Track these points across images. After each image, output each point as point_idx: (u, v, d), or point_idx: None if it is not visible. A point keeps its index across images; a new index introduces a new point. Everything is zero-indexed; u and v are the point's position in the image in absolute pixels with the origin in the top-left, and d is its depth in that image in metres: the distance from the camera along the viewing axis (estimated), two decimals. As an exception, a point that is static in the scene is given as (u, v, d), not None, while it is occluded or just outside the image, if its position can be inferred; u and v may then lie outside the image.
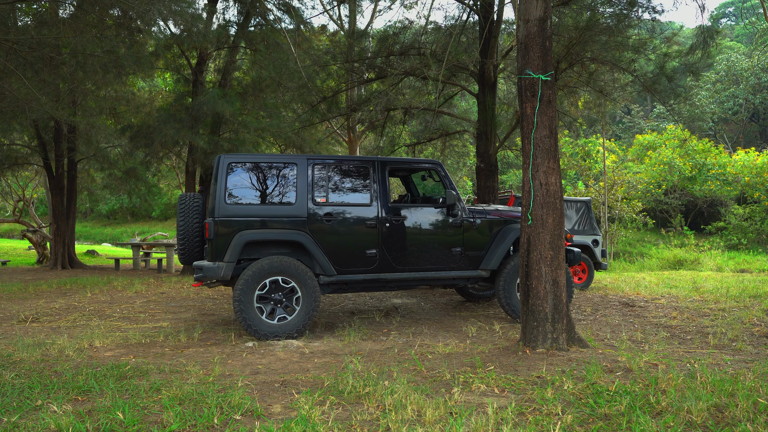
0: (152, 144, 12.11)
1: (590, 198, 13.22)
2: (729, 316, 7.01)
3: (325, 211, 5.99)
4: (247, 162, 5.95)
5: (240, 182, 5.87)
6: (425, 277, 6.32)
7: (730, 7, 54.91)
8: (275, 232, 5.82)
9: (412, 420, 3.27)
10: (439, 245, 6.37)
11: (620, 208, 24.03)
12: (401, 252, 6.21)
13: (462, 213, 6.47)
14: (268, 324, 5.64)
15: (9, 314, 7.49)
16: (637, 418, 3.19)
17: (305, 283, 5.73)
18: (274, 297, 5.71)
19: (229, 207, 5.76)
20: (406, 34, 9.86)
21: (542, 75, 5.04)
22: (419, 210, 6.38)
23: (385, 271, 6.14)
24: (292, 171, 6.01)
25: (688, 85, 16.54)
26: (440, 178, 6.59)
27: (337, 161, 6.24)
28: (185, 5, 9.73)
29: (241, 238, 5.66)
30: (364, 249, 6.06)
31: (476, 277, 6.53)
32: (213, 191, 5.83)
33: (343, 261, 6.00)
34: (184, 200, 6.28)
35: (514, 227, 6.62)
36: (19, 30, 9.69)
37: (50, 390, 3.87)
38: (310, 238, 5.88)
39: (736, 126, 42.14)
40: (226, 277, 5.64)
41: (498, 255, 6.48)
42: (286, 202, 5.92)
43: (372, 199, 6.18)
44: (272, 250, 5.90)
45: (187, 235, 6.17)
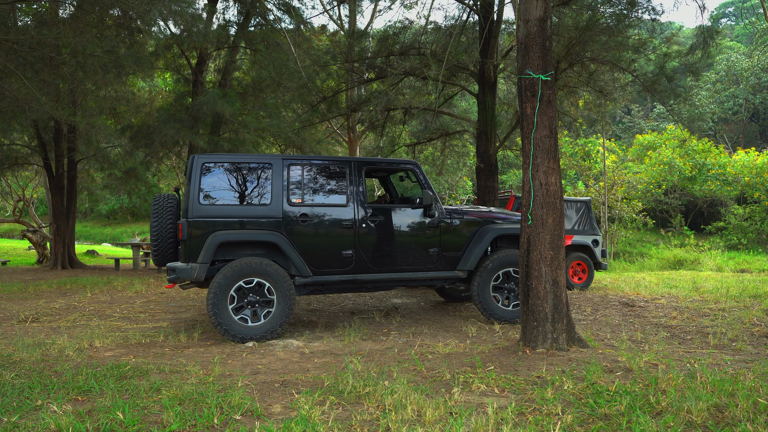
0: (152, 144, 12.12)
1: (590, 198, 13.22)
2: (729, 316, 7.01)
3: (301, 211, 5.93)
4: (221, 162, 5.87)
5: (214, 182, 5.80)
6: (402, 278, 6.28)
7: (730, 7, 54.92)
8: (250, 232, 5.75)
9: (412, 420, 3.27)
10: (416, 246, 6.33)
11: (620, 208, 24.03)
12: (378, 253, 6.16)
13: (439, 213, 6.45)
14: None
15: (9, 314, 7.49)
16: (637, 418, 3.19)
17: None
18: (249, 299, 5.64)
19: (203, 207, 5.68)
20: (406, 34, 9.85)
21: (542, 75, 5.04)
22: (396, 210, 6.33)
23: (362, 272, 6.09)
24: (267, 171, 5.95)
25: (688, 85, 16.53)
26: (417, 178, 6.55)
27: (313, 162, 6.18)
28: (185, 5, 9.73)
29: (215, 239, 5.58)
30: (340, 250, 6.01)
31: (453, 277, 6.50)
32: (187, 192, 5.77)
33: (318, 262, 5.94)
34: (158, 201, 6.18)
35: (491, 228, 6.61)
36: (19, 30, 9.69)
37: (50, 390, 3.87)
38: (286, 239, 5.82)
39: (736, 126, 42.15)
40: (200, 279, 5.57)
41: (475, 255, 6.45)
42: (261, 203, 5.86)
43: (348, 199, 6.13)
44: (247, 251, 5.85)
45: (161, 236, 6.07)
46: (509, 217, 6.91)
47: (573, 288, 10.12)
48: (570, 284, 10.19)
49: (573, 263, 10.39)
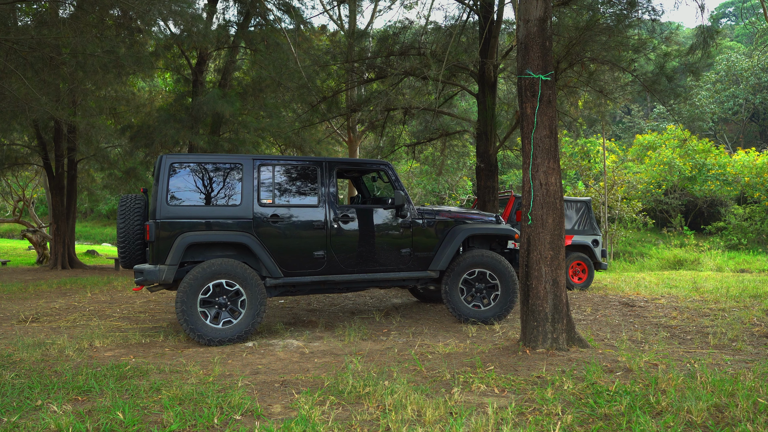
0: (152, 144, 12.12)
1: (590, 198, 13.22)
2: (729, 316, 7.01)
3: (272, 212, 5.86)
4: (190, 162, 5.79)
5: (183, 183, 5.71)
6: (374, 278, 6.26)
7: (730, 7, 54.91)
8: (219, 234, 5.67)
9: (412, 420, 3.26)
10: (388, 246, 6.31)
11: (620, 208, 24.03)
12: (350, 253, 6.12)
13: (411, 214, 6.44)
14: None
15: (9, 314, 7.49)
16: (637, 418, 3.19)
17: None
18: (219, 300, 5.56)
19: (171, 208, 5.59)
20: (406, 34, 9.85)
21: (542, 75, 5.04)
22: (368, 211, 6.31)
23: (334, 272, 6.05)
24: (237, 172, 5.88)
25: (688, 85, 16.53)
26: (389, 178, 6.53)
27: (284, 162, 6.12)
28: (185, 5, 9.73)
29: (184, 241, 5.49)
30: (311, 251, 5.96)
31: (426, 277, 6.50)
32: (154, 192, 5.66)
33: (290, 263, 5.89)
34: (125, 202, 6.06)
35: (463, 228, 6.61)
36: (19, 30, 9.69)
37: (50, 390, 3.87)
38: (256, 240, 5.75)
39: (736, 126, 42.14)
40: (168, 281, 5.48)
41: (447, 255, 6.45)
42: (231, 204, 5.78)
43: (320, 200, 6.08)
44: (216, 252, 5.76)
45: (128, 237, 5.95)
46: (481, 217, 6.93)
47: (573, 288, 10.11)
48: (570, 284, 10.19)
49: (573, 263, 10.39)
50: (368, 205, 6.42)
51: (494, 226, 6.86)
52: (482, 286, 6.63)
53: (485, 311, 6.57)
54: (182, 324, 5.42)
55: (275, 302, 8.47)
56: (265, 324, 6.59)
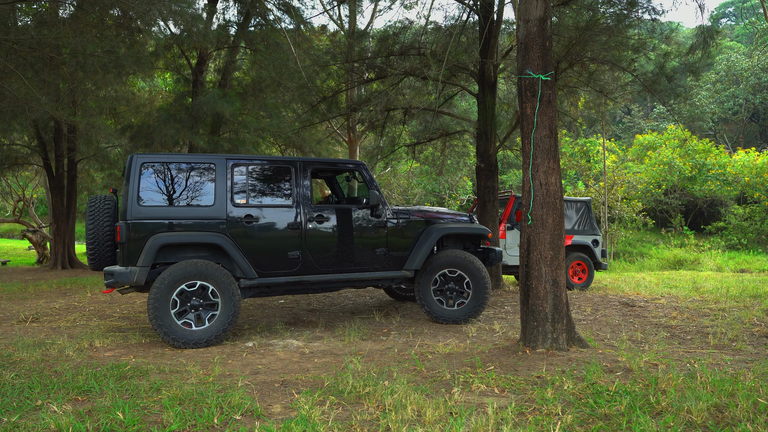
0: (152, 144, 12.12)
1: (590, 198, 13.22)
2: (729, 316, 7.01)
3: (246, 212, 5.81)
4: (162, 162, 5.71)
5: (155, 183, 5.63)
6: (350, 278, 6.24)
7: (730, 7, 54.90)
8: (192, 234, 5.58)
9: (412, 420, 3.26)
10: (363, 246, 6.31)
11: (620, 208, 24.03)
12: (325, 254, 6.10)
13: (386, 214, 6.45)
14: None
15: (9, 314, 7.49)
16: (637, 418, 3.19)
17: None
18: (192, 302, 5.48)
19: (143, 209, 5.50)
20: (406, 34, 9.84)
21: (542, 75, 5.04)
22: (342, 211, 6.30)
23: (309, 273, 6.02)
24: (210, 172, 5.82)
25: (688, 85, 16.54)
26: (364, 178, 6.52)
27: (258, 161, 6.07)
28: (185, 5, 9.72)
29: (156, 241, 5.41)
30: (286, 251, 5.92)
31: (400, 277, 6.51)
32: (125, 192, 5.58)
33: (264, 264, 5.84)
34: (94, 202, 5.93)
35: (437, 227, 6.63)
36: (19, 30, 9.68)
37: (50, 390, 3.87)
38: (230, 240, 5.68)
39: (736, 126, 42.14)
40: (140, 283, 5.39)
41: (422, 255, 6.46)
42: (203, 204, 5.71)
43: (294, 200, 6.05)
44: (189, 253, 5.68)
45: (98, 239, 5.83)
46: (455, 217, 6.96)
47: (573, 288, 10.12)
48: (570, 284, 10.19)
49: (573, 263, 10.39)
50: (343, 205, 6.43)
51: (468, 226, 6.91)
52: (455, 286, 6.69)
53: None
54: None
55: (275, 302, 8.47)
56: (265, 324, 6.59)
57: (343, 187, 7.74)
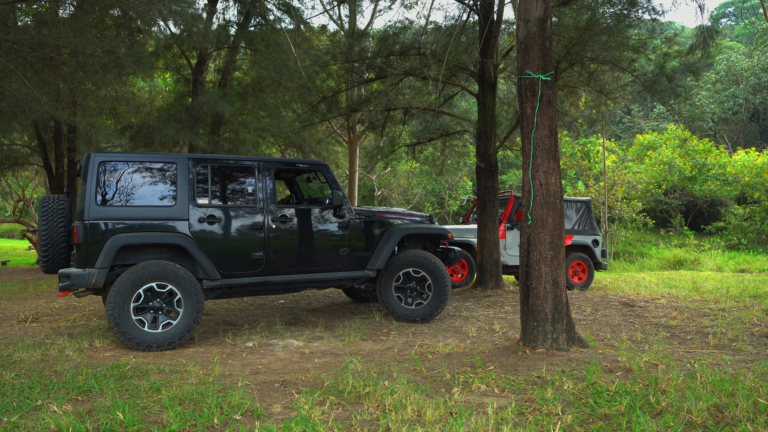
0: (152, 144, 12.12)
1: (590, 198, 13.22)
2: (729, 316, 7.02)
3: (208, 212, 5.74)
4: (121, 161, 5.58)
5: (113, 182, 5.50)
6: (313, 278, 6.24)
7: (730, 7, 54.89)
8: (153, 235, 5.49)
9: (412, 420, 3.26)
10: (326, 246, 6.32)
11: (620, 208, 24.03)
12: (288, 254, 6.08)
13: (349, 214, 6.47)
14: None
15: (9, 314, 7.49)
16: (637, 418, 3.19)
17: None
18: (154, 304, 5.38)
19: (101, 209, 5.37)
20: (406, 34, 9.83)
21: (542, 75, 5.04)
22: (306, 211, 6.30)
23: (272, 273, 5.99)
24: (171, 171, 5.72)
25: (688, 85, 16.53)
26: (327, 179, 6.53)
27: (221, 161, 6.00)
28: (185, 5, 9.72)
29: (116, 242, 5.28)
30: (249, 252, 5.87)
31: (363, 277, 6.54)
32: (81, 192, 5.43)
33: (227, 264, 5.78)
34: (47, 203, 5.72)
35: (399, 227, 6.69)
36: (19, 30, 9.68)
37: (50, 390, 3.87)
38: (192, 241, 5.60)
39: (736, 126, 42.14)
40: (98, 285, 5.26)
41: (384, 255, 6.51)
42: (165, 204, 5.62)
43: (258, 200, 6.02)
44: (150, 254, 5.58)
45: (51, 240, 5.65)
46: (414, 217, 7.04)
47: (573, 288, 10.12)
48: (570, 284, 10.19)
49: (573, 263, 10.40)
50: (307, 205, 6.44)
51: (428, 227, 6.98)
52: (415, 285, 6.76)
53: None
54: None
55: (275, 302, 8.47)
56: (265, 324, 6.59)
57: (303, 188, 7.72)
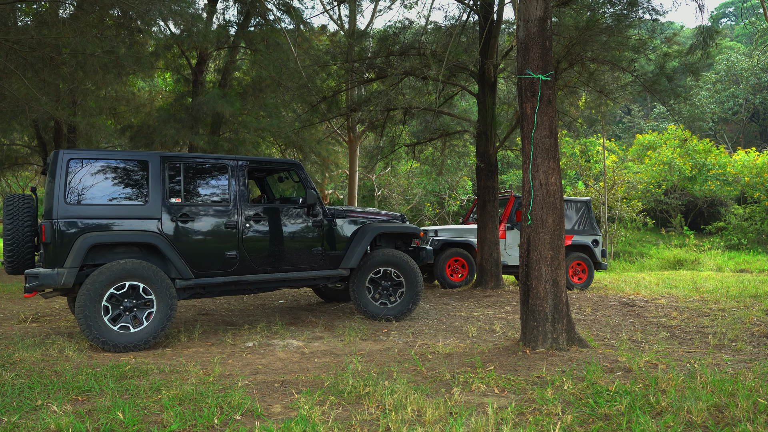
0: (152, 144, 12.12)
1: (590, 198, 13.22)
2: (729, 316, 7.01)
3: (181, 211, 5.68)
4: (91, 158, 5.48)
5: (83, 180, 5.39)
6: (287, 277, 6.23)
7: (730, 7, 54.89)
8: (125, 233, 5.41)
9: (412, 420, 3.26)
10: (300, 245, 6.33)
11: (620, 208, 24.03)
12: (262, 253, 6.06)
13: (322, 213, 6.48)
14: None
15: (9, 314, 7.49)
16: (637, 418, 3.19)
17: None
18: (125, 304, 5.28)
19: (71, 207, 5.26)
20: (406, 34, 9.83)
21: (542, 75, 5.04)
22: (280, 210, 6.29)
23: (246, 273, 5.96)
24: (143, 169, 5.64)
25: (688, 85, 16.53)
26: (300, 178, 6.53)
27: (193, 160, 5.94)
28: (185, 5, 9.72)
29: (86, 242, 5.16)
30: (223, 251, 5.83)
31: (337, 276, 6.55)
32: (49, 190, 5.31)
33: (201, 264, 5.72)
34: (11, 202, 5.56)
35: (372, 227, 6.71)
36: (19, 30, 9.68)
37: (50, 390, 3.87)
38: (165, 240, 5.53)
39: (736, 126, 42.13)
40: (68, 285, 5.14)
41: (357, 254, 6.52)
42: (136, 202, 5.55)
43: (231, 198, 5.98)
44: (121, 254, 5.48)
45: (16, 240, 5.48)
46: (387, 216, 7.09)
47: (573, 288, 10.12)
48: (570, 284, 10.19)
49: (573, 263, 10.40)
50: (280, 204, 6.42)
51: (401, 225, 7.02)
52: (388, 284, 6.79)
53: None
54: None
55: (275, 302, 8.47)
56: (265, 324, 6.59)
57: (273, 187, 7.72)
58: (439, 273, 9.97)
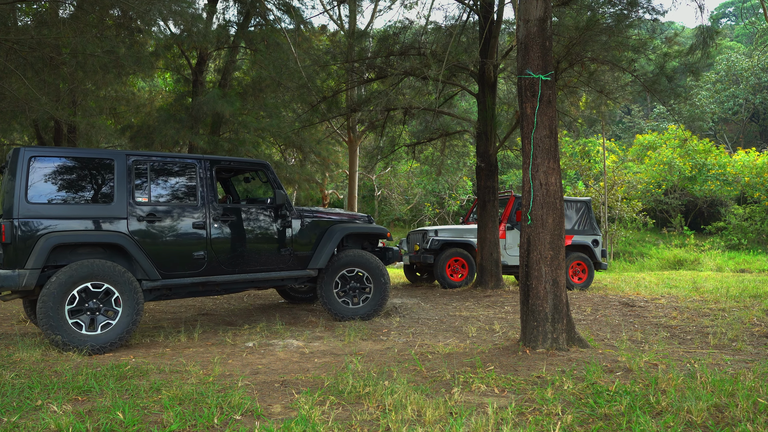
0: (152, 144, 12.11)
1: (590, 198, 13.23)
2: (729, 316, 7.02)
3: (148, 211, 5.60)
4: (54, 156, 5.36)
5: (46, 179, 5.26)
6: (256, 278, 6.20)
7: (730, 7, 54.89)
8: (89, 233, 5.30)
9: (412, 420, 3.26)
10: (268, 246, 6.31)
11: (620, 208, 24.04)
12: (231, 254, 6.02)
13: (291, 213, 6.47)
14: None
15: (9, 314, 7.49)
16: (637, 418, 3.19)
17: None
18: (90, 306, 5.17)
19: (32, 206, 5.13)
20: (406, 34, 9.84)
21: (542, 75, 5.04)
22: (248, 210, 6.28)
23: (214, 273, 5.92)
24: (108, 167, 5.53)
25: (688, 85, 16.54)
26: (268, 178, 6.51)
27: (160, 158, 5.86)
28: (185, 5, 9.72)
29: (48, 242, 5.03)
30: (191, 251, 5.78)
31: (305, 276, 6.56)
32: (9, 189, 5.20)
33: (168, 264, 5.65)
34: None
35: (340, 227, 6.73)
36: (19, 30, 9.68)
37: (50, 390, 3.87)
38: (131, 240, 5.44)
39: (736, 126, 42.14)
40: (30, 287, 5.00)
41: (326, 254, 6.55)
42: (102, 202, 5.45)
43: (199, 198, 5.92)
44: (85, 254, 5.36)
45: None
46: (353, 217, 7.12)
47: (573, 288, 10.12)
48: (570, 284, 10.19)
49: (573, 263, 10.40)
50: (249, 205, 6.41)
51: (368, 226, 7.05)
52: (356, 285, 6.81)
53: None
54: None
55: (275, 302, 8.47)
56: (265, 324, 6.59)
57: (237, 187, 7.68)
58: (439, 273, 9.97)
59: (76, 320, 5.15)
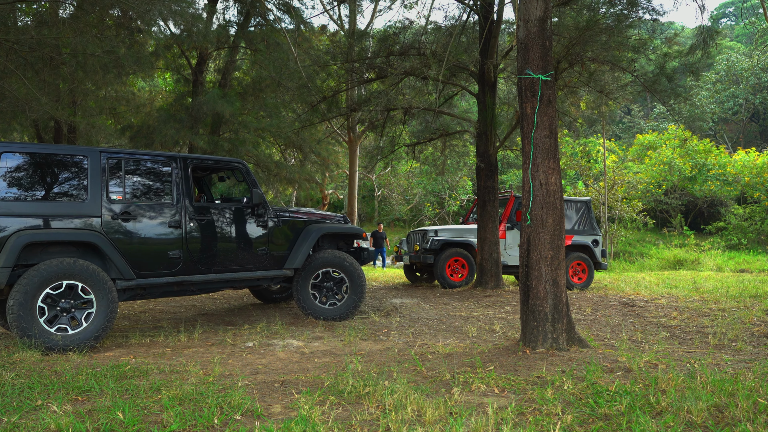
0: (152, 144, 12.11)
1: (590, 198, 13.23)
2: (729, 316, 7.02)
3: (122, 209, 5.54)
4: (26, 152, 5.26)
5: (17, 175, 5.17)
6: (232, 278, 6.18)
7: (730, 7, 54.89)
8: (62, 231, 5.21)
9: (412, 420, 3.26)
10: (245, 246, 6.29)
11: (620, 208, 24.05)
12: (206, 253, 5.99)
13: (267, 214, 6.46)
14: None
15: (9, 314, 7.48)
16: (637, 418, 3.18)
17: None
18: (62, 305, 5.10)
19: (3, 204, 5.03)
20: (406, 34, 9.84)
21: (542, 75, 5.04)
22: (225, 209, 6.24)
23: (190, 273, 5.87)
24: (82, 165, 5.45)
25: (688, 85, 16.53)
26: (245, 177, 6.47)
27: (136, 156, 5.79)
28: (185, 5, 9.72)
29: (20, 240, 4.94)
30: (166, 250, 5.73)
31: (281, 276, 6.55)
32: None
33: (143, 263, 5.60)
34: None
35: (316, 227, 6.74)
36: (19, 30, 9.68)
37: (50, 390, 3.87)
38: (105, 238, 5.37)
39: (736, 126, 42.15)
40: (0, 286, 4.93)
41: (302, 254, 6.54)
42: (75, 199, 5.36)
43: (175, 197, 5.87)
44: (58, 253, 5.29)
45: None
46: (329, 217, 7.14)
47: (573, 288, 10.12)
48: (570, 284, 10.19)
49: (573, 263, 10.40)
50: (225, 204, 6.39)
51: (344, 226, 7.07)
52: (332, 285, 6.81)
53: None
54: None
55: (275, 302, 8.46)
56: (265, 324, 6.59)
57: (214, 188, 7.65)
58: (439, 273, 9.97)
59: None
